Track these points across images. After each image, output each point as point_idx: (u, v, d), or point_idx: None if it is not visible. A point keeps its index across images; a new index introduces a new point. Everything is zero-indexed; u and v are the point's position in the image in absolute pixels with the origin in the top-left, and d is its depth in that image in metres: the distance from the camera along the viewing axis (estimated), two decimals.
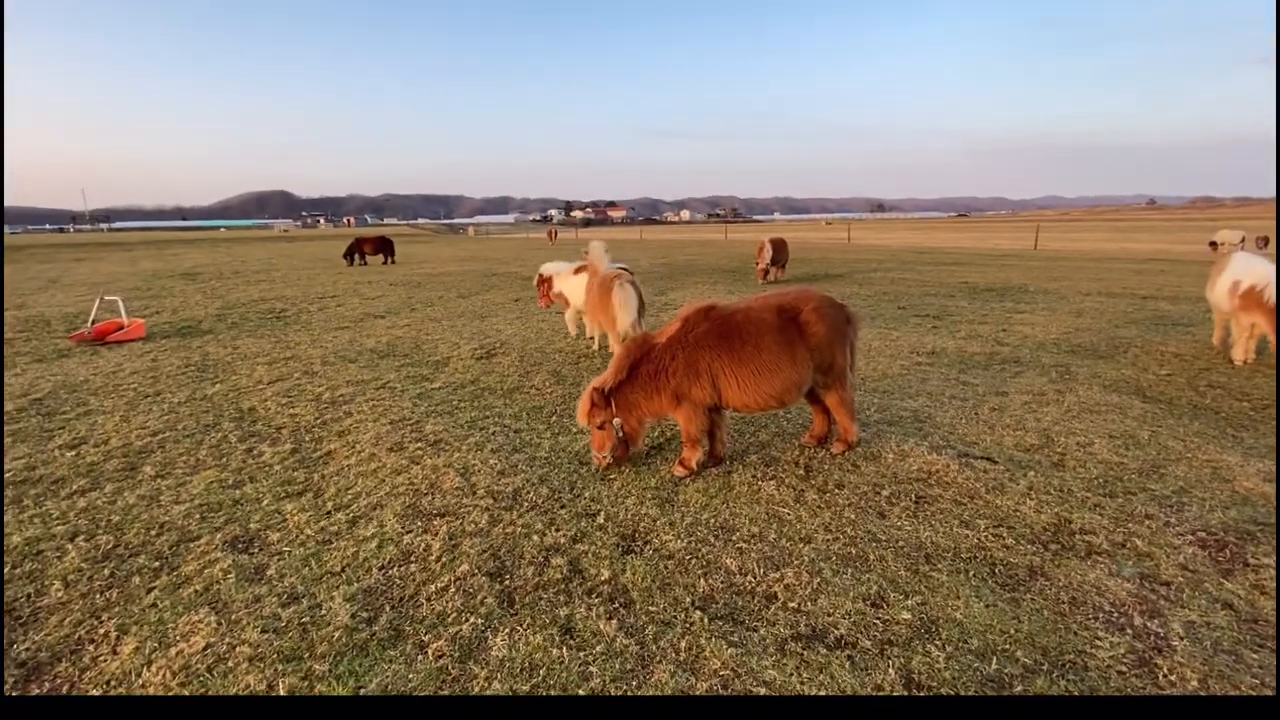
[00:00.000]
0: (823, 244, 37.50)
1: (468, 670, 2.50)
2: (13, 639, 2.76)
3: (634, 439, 4.26)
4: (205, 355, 8.36)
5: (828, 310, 4.32)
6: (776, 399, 4.15)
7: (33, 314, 12.43)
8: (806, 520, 3.62)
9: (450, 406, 5.93)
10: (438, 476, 4.33)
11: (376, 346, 8.77)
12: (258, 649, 2.63)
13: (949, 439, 4.83)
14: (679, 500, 3.91)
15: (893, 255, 26.04)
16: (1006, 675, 2.43)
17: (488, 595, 2.97)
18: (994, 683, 2.40)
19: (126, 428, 5.44)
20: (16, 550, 3.46)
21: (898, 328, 9.42)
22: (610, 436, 4.15)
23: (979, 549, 3.32)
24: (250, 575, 3.18)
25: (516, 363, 7.62)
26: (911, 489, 4.00)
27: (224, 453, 4.83)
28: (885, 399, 5.87)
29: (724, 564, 3.19)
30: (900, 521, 3.60)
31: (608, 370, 4.21)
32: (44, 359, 8.26)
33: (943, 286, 14.52)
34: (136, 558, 3.37)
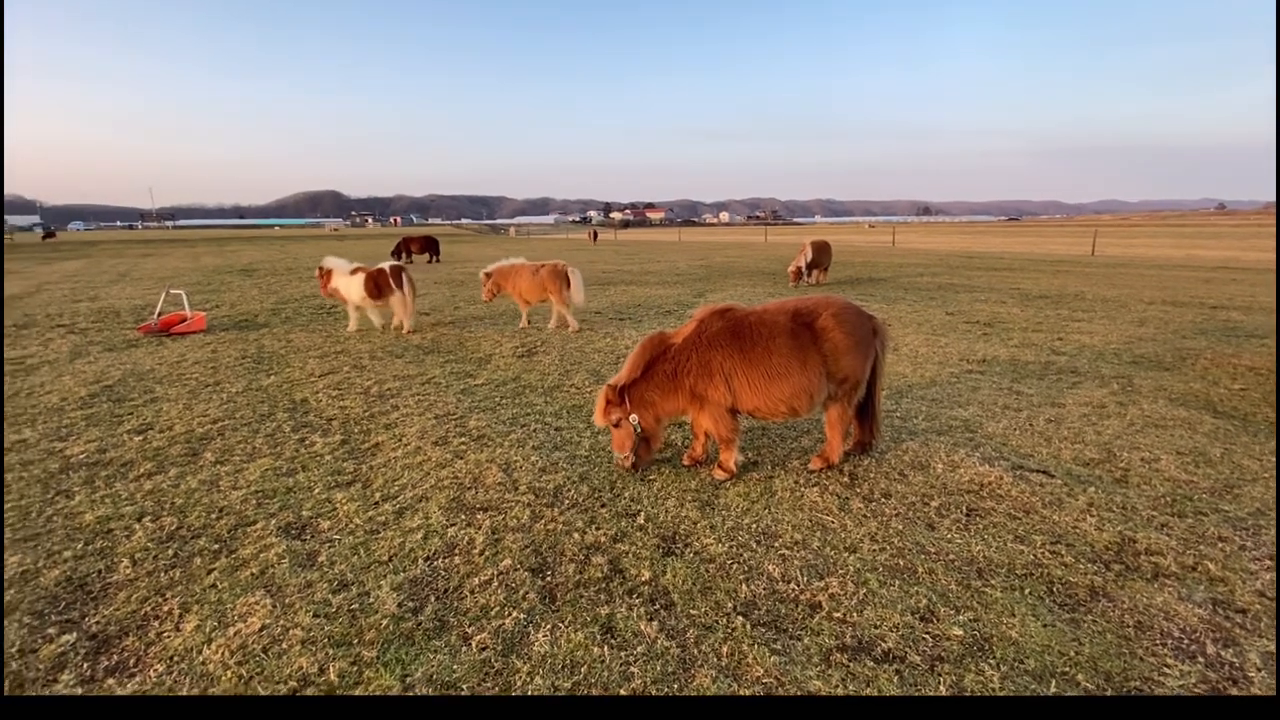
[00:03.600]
0: (866, 247, 36.74)
1: (510, 664, 2.52)
2: (84, 612, 2.91)
3: (652, 438, 4.22)
4: (261, 348, 8.71)
5: (849, 318, 4.15)
6: (786, 404, 4.02)
7: (104, 305, 13.16)
8: (851, 529, 3.54)
9: (492, 403, 6.02)
10: (481, 471, 4.40)
11: (421, 343, 8.98)
12: (310, 633, 2.71)
13: (1002, 450, 4.65)
14: (719, 504, 3.87)
15: (940, 260, 25.32)
16: None
17: (530, 590, 3.00)
18: None
19: (189, 415, 5.70)
20: (89, 528, 3.66)
21: (946, 334, 9.14)
22: (629, 435, 4.12)
23: (1035, 566, 3.18)
24: (303, 561, 3.28)
25: (556, 361, 7.69)
26: (962, 501, 3.86)
27: (278, 442, 5.01)
28: (934, 407, 5.69)
29: (766, 570, 3.14)
30: (950, 534, 3.48)
31: (623, 368, 4.20)
32: (114, 348, 8.73)
33: (993, 293, 14.03)
34: (198, 539, 3.52)
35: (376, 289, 9.33)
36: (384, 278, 9.35)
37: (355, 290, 9.40)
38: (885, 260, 25.34)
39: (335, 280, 9.59)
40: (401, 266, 9.60)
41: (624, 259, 27.86)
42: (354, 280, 9.42)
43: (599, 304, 12.86)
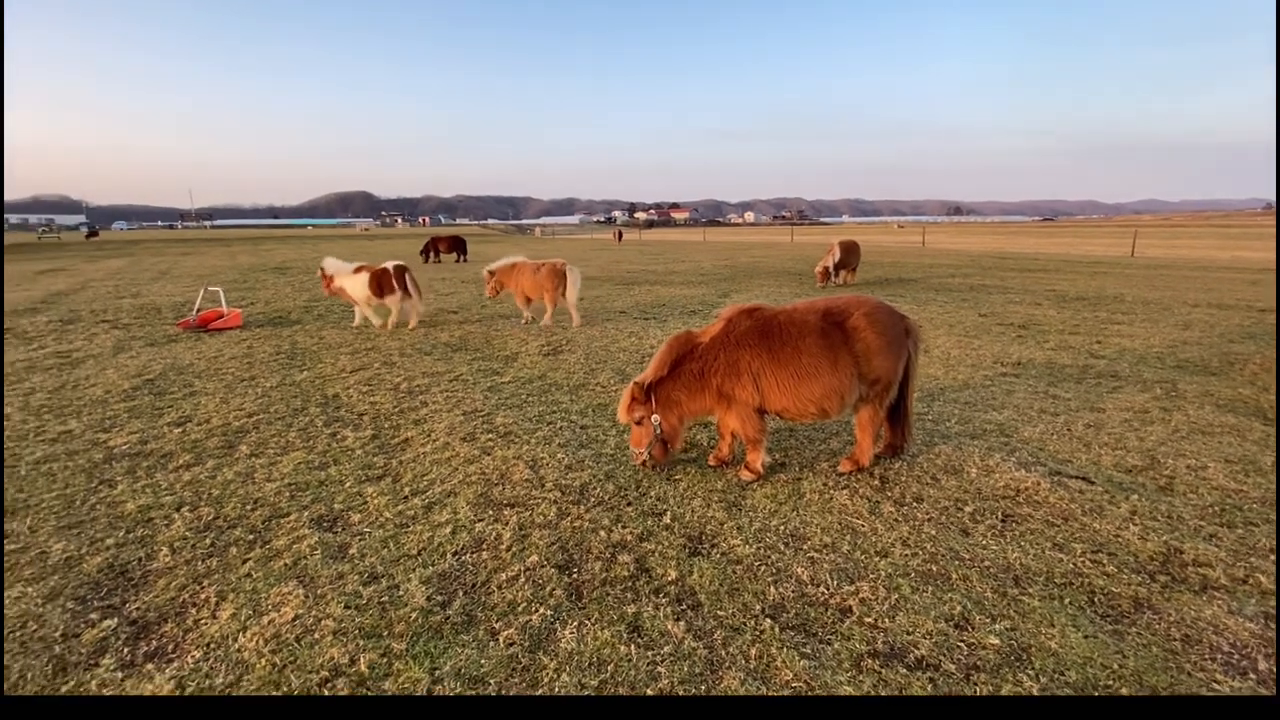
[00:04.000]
0: (895, 247, 36.15)
1: (537, 660, 2.52)
2: (125, 598, 3.00)
3: (672, 438, 4.16)
4: (294, 344, 8.91)
5: (881, 318, 4.06)
6: (816, 405, 3.95)
7: (146, 302, 13.59)
8: (882, 533, 3.47)
9: (519, 400, 6.06)
10: (508, 467, 4.42)
11: (450, 340, 9.09)
12: (341, 624, 2.75)
13: (1038, 455, 4.52)
14: (746, 505, 3.83)
15: (972, 260, 24.77)
16: None
17: (556, 587, 3.00)
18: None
19: (225, 409, 5.85)
20: (130, 517, 3.77)
21: (979, 336, 8.93)
22: (648, 433, 4.09)
23: (1075, 575, 3.08)
24: (334, 553, 3.34)
25: (582, 360, 7.71)
26: (997, 506, 3.76)
27: (311, 436, 5.11)
28: (967, 410, 5.56)
29: (795, 573, 3.10)
30: (985, 540, 3.39)
31: (649, 366, 4.17)
32: (155, 343, 9.01)
33: (1028, 294, 13.68)
34: (234, 530, 3.60)
35: (379, 288, 9.63)
36: (387, 277, 9.65)
37: (359, 289, 9.72)
38: (915, 261, 24.89)
39: (339, 280, 9.89)
40: (405, 267, 9.91)
41: (649, 259, 27.84)
42: (358, 279, 9.75)
43: (623, 304, 12.87)
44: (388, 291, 9.66)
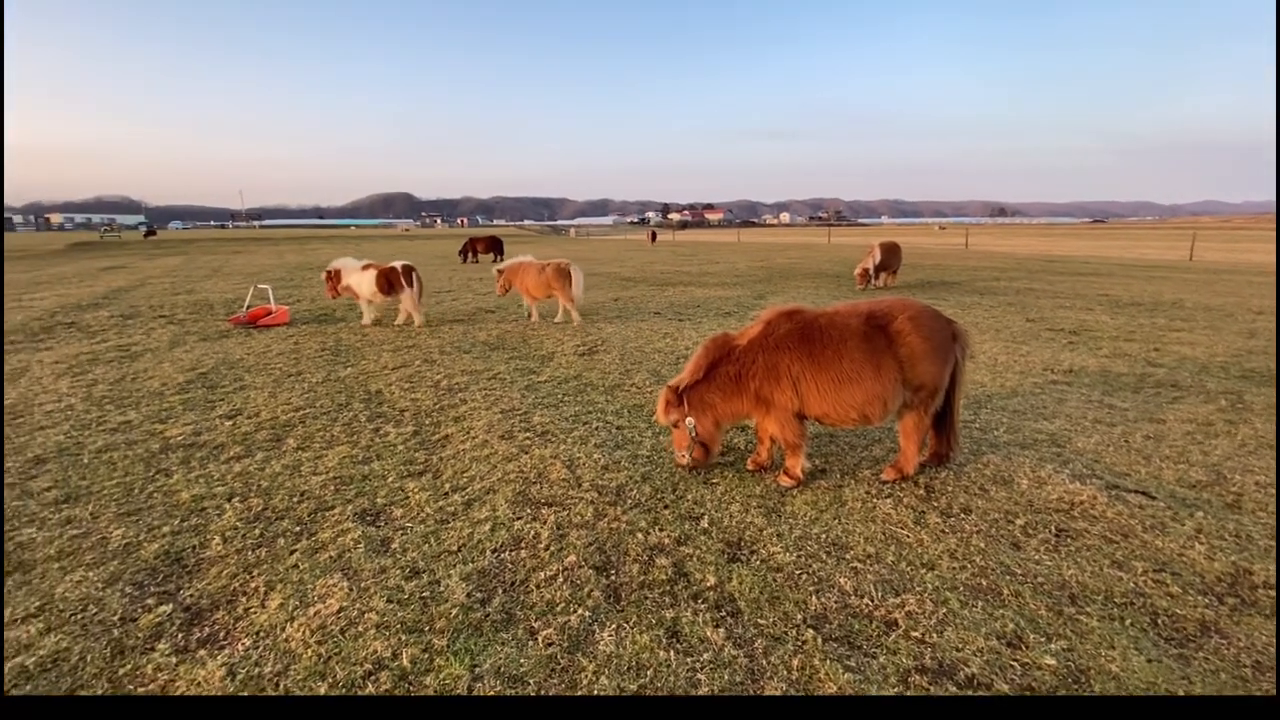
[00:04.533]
0: (936, 249, 35.26)
1: (576, 662, 2.52)
2: (180, 585, 3.10)
3: (709, 442, 4.12)
4: (339, 341, 9.14)
5: (926, 322, 3.93)
6: (858, 411, 3.85)
7: (200, 299, 14.15)
8: (929, 544, 3.36)
9: (556, 399, 6.09)
10: (545, 466, 4.44)
11: (488, 339, 9.20)
12: (384, 617, 2.79)
13: (1094, 467, 4.33)
14: (786, 511, 3.76)
15: (1018, 263, 23.98)
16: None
17: (594, 589, 2.99)
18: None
19: (274, 403, 6.03)
20: (184, 506, 3.91)
21: (1027, 342, 8.62)
22: (686, 436, 4.08)
23: (1136, 595, 2.93)
24: (377, 547, 3.40)
25: (617, 360, 7.71)
26: (1051, 520, 3.61)
27: (355, 430, 5.23)
28: (1016, 419, 5.36)
29: (837, 583, 3.02)
30: (1038, 555, 3.26)
31: (685, 369, 4.14)
32: (208, 338, 9.36)
33: (1079, 299, 13.16)
34: (281, 521, 3.70)
35: (388, 285, 9.93)
36: (395, 275, 9.97)
37: (367, 286, 10.01)
38: (958, 263, 24.22)
39: (347, 278, 10.21)
40: (411, 266, 10.22)
41: (682, 260, 27.76)
42: (366, 276, 10.04)
43: (658, 304, 12.85)
44: (396, 288, 10.01)
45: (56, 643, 2.66)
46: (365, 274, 10.07)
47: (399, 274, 9.97)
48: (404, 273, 10.01)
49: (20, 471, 4.42)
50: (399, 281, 9.95)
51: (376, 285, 9.93)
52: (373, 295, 10.04)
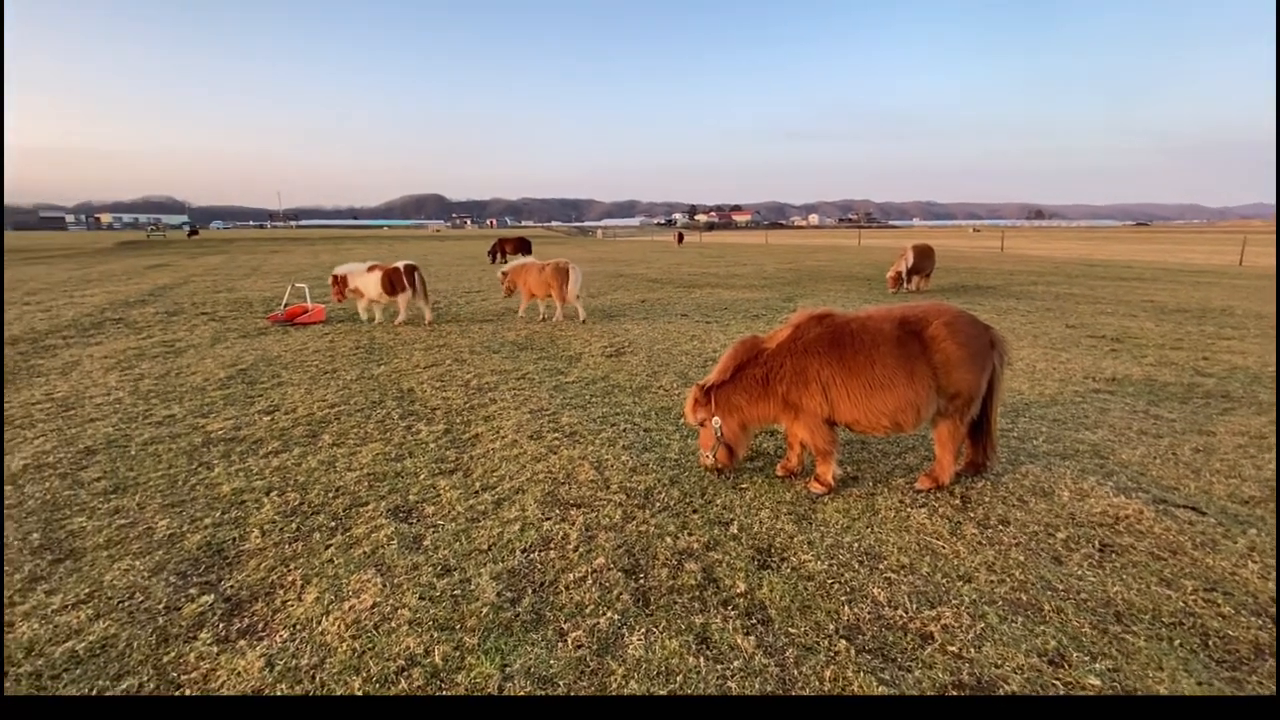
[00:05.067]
0: (971, 252, 34.48)
1: (605, 665, 2.51)
2: (221, 575, 3.19)
3: (735, 444, 4.09)
4: (372, 339, 9.33)
5: (962, 328, 3.83)
6: (889, 418, 3.77)
7: (239, 297, 14.58)
8: (965, 556, 3.28)
9: (583, 400, 6.11)
10: (573, 467, 4.46)
11: (516, 339, 9.29)
12: (416, 614, 2.83)
13: (1139, 480, 4.17)
14: (817, 518, 3.71)
15: (1056, 267, 23.31)
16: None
17: (623, 592, 2.99)
18: None
19: (310, 399, 6.17)
20: (225, 498, 4.02)
21: (1067, 349, 8.36)
22: (712, 436, 4.07)
23: (1186, 614, 2.82)
24: (409, 543, 3.45)
25: (644, 362, 7.71)
26: (1094, 534, 3.49)
27: (388, 428, 5.32)
28: (1056, 428, 5.20)
29: (871, 593, 2.97)
30: (1081, 570, 3.15)
31: (713, 369, 4.14)
32: (248, 335, 9.64)
33: (1121, 305, 12.73)
34: (317, 516, 3.78)
35: (391, 285, 10.28)
36: (398, 275, 10.33)
37: (372, 286, 10.36)
38: (993, 267, 23.65)
39: (354, 281, 10.53)
40: (415, 266, 10.60)
41: (709, 261, 27.65)
42: (371, 277, 10.40)
43: (685, 306, 12.81)
44: (399, 289, 10.34)
45: (105, 629, 2.76)
46: (371, 275, 10.45)
47: (401, 274, 10.35)
48: (406, 273, 10.40)
49: (72, 462, 4.60)
50: (401, 282, 10.33)
51: (381, 286, 10.29)
52: (379, 295, 10.39)
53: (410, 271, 10.46)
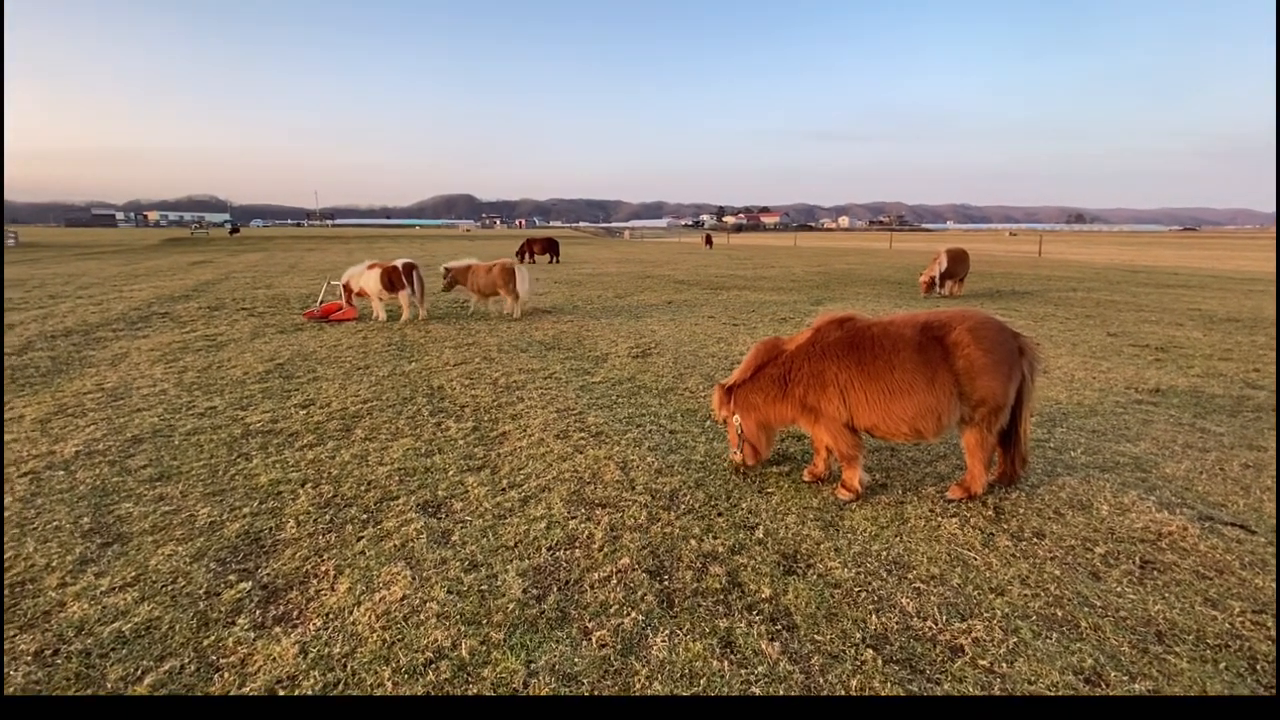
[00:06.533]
0: (1007, 257, 33.65)
1: (629, 665, 2.52)
2: (258, 563, 3.29)
3: (755, 443, 4.15)
4: (404, 336, 9.51)
5: (987, 334, 3.73)
6: (909, 424, 3.71)
7: (277, 293, 15.00)
8: (998, 569, 3.20)
9: (609, 401, 6.14)
10: (599, 467, 4.48)
11: (544, 339, 9.37)
12: (444, 607, 2.88)
13: (1184, 496, 4.03)
14: (844, 525, 3.66)
15: (1097, 273, 22.60)
16: None
17: (648, 593, 3.00)
18: None
19: (343, 394, 6.32)
20: (263, 489, 4.14)
21: (1108, 358, 8.10)
22: (734, 434, 4.19)
23: (1232, 637, 2.71)
24: (438, 538, 3.51)
25: (671, 364, 7.71)
26: (1134, 550, 3.38)
27: (418, 424, 5.42)
28: (1095, 439, 5.05)
29: (899, 603, 2.92)
30: (1120, 587, 3.05)
31: (736, 370, 4.24)
32: (285, 331, 9.91)
33: (1166, 313, 12.29)
34: (350, 508, 3.87)
35: (390, 283, 10.56)
36: (396, 274, 10.60)
37: (372, 283, 10.69)
38: (1030, 272, 23.04)
39: (357, 281, 10.89)
40: (413, 264, 10.92)
41: (736, 263, 27.51)
42: (371, 275, 10.74)
43: (711, 308, 12.77)
44: (397, 286, 10.63)
45: (149, 611, 2.87)
46: (371, 273, 10.81)
47: (399, 272, 10.65)
48: (404, 271, 10.70)
49: (120, 450, 4.80)
50: (400, 279, 10.62)
51: (380, 283, 10.60)
52: (379, 293, 10.69)
53: (409, 270, 10.75)
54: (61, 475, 4.33)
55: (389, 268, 10.71)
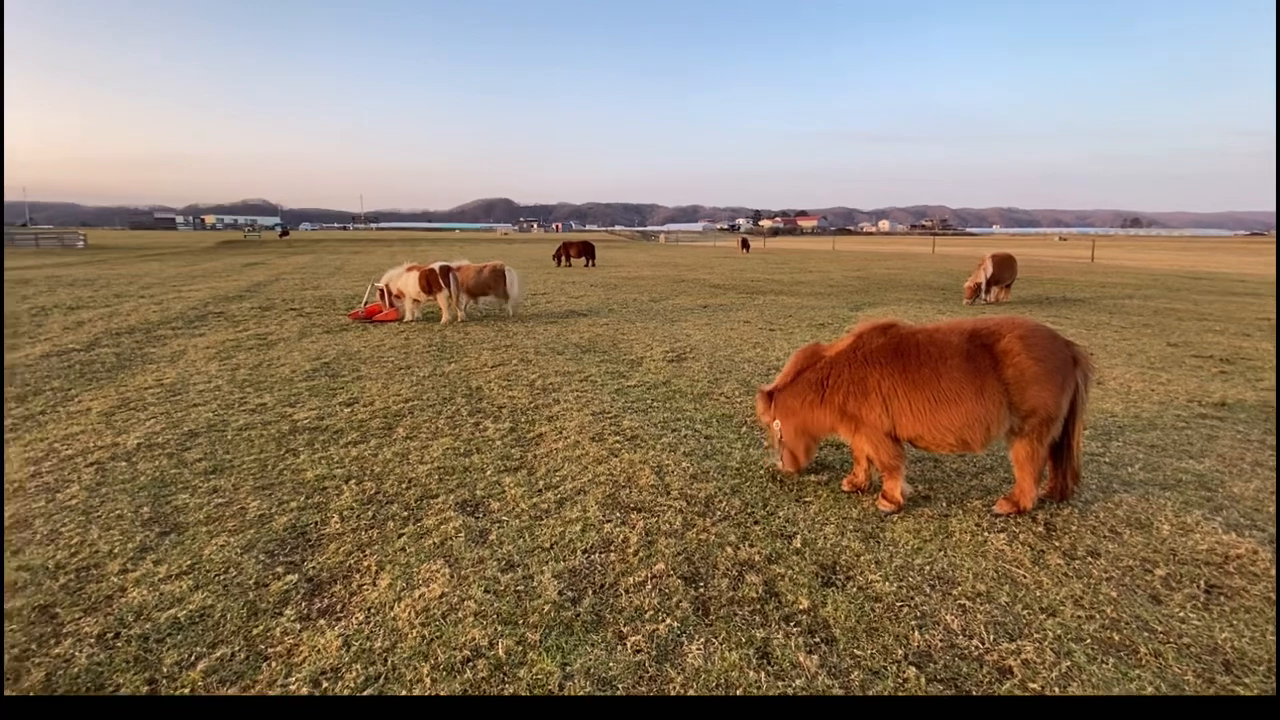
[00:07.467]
0: (1057, 263, 32.44)
1: (664, 672, 2.50)
2: (304, 556, 3.39)
3: (793, 449, 4.11)
4: (443, 338, 9.71)
5: (1039, 342, 3.59)
6: (955, 434, 3.59)
7: (324, 294, 15.50)
8: (1049, 588, 3.07)
9: (645, 405, 6.13)
10: (634, 471, 4.48)
11: (579, 341, 9.44)
12: (481, 606, 2.91)
13: (1253, 517, 3.80)
14: (885, 537, 3.57)
15: (1155, 279, 21.59)
16: None
17: (683, 599, 2.97)
18: None
19: (386, 393, 6.48)
20: (309, 484, 4.27)
21: (1169, 369, 7.72)
22: (775, 440, 4.19)
23: None
24: (476, 537, 3.56)
25: (706, 368, 7.66)
26: (1199, 574, 3.20)
27: (457, 424, 5.52)
28: (1154, 455, 4.81)
29: (943, 619, 2.83)
30: (1183, 612, 2.89)
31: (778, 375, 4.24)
32: (330, 331, 10.23)
33: (1232, 322, 11.64)
34: (391, 505, 3.96)
35: (428, 285, 10.87)
36: (433, 276, 10.90)
37: (411, 285, 11.03)
38: (1083, 279, 22.15)
39: (396, 283, 11.25)
40: (450, 267, 11.14)
41: (773, 268, 27.23)
42: (410, 277, 11.09)
43: (747, 313, 12.65)
44: (435, 289, 10.89)
45: (203, 600, 2.98)
46: (409, 275, 11.13)
47: (436, 275, 10.94)
48: (441, 274, 10.97)
49: (178, 443, 5.01)
50: (437, 282, 10.91)
51: (419, 285, 10.91)
52: (418, 295, 11.01)
53: (445, 272, 11.03)
54: (124, 466, 4.55)
55: (426, 271, 11.05)
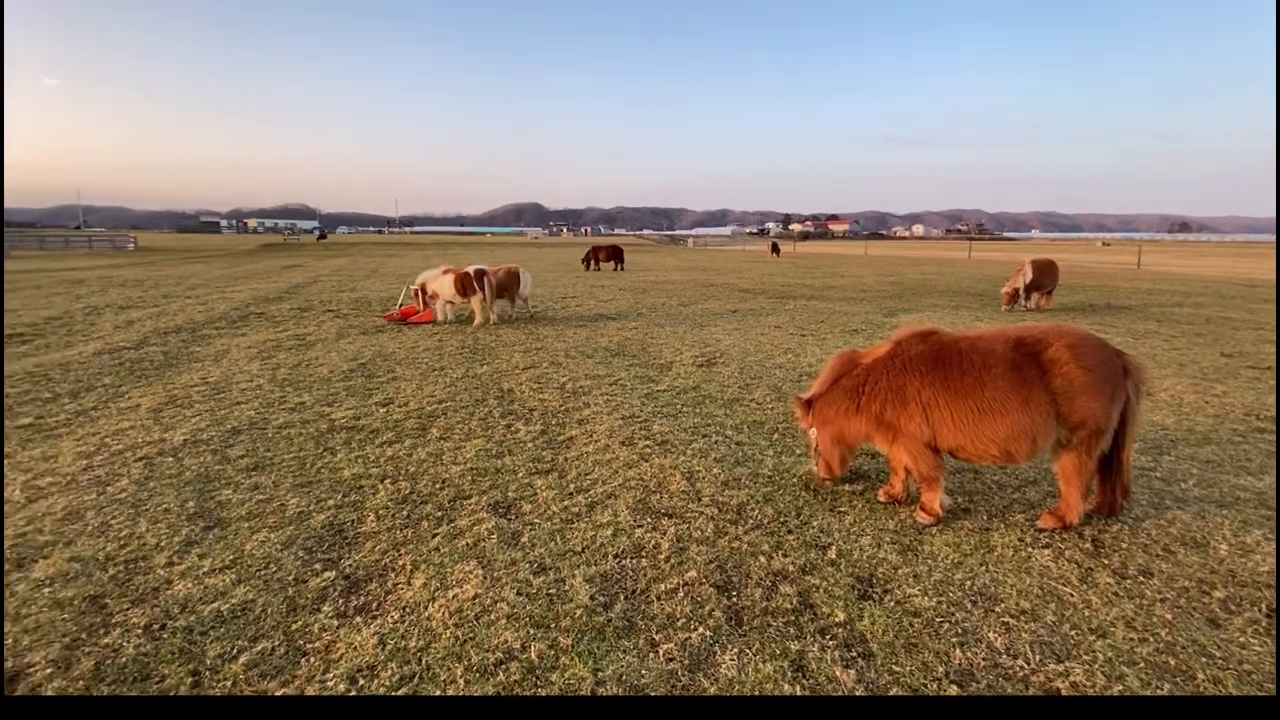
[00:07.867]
0: (1101, 269, 31.38)
1: (696, 681, 2.48)
2: (341, 554, 3.45)
3: (829, 457, 4.05)
4: (476, 340, 9.83)
5: (1088, 351, 3.46)
6: (999, 446, 3.47)
7: (360, 296, 15.85)
8: (1099, 608, 2.95)
9: (675, 409, 6.11)
10: (665, 477, 4.46)
11: (609, 345, 9.46)
12: (514, 609, 2.92)
13: None
14: (924, 551, 3.48)
15: (1206, 286, 20.71)
16: None
17: (715, 608, 2.94)
18: None
19: (420, 394, 6.59)
20: (346, 483, 4.36)
21: (1223, 381, 7.38)
22: (811, 446, 4.17)
23: None
24: (508, 539, 3.58)
25: (736, 374, 7.60)
26: (1260, 597, 3.04)
27: (489, 425, 5.57)
28: (1209, 470, 4.60)
29: (985, 637, 2.74)
30: (1244, 638, 2.75)
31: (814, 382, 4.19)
32: (367, 332, 10.45)
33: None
34: (425, 505, 4.01)
35: (463, 288, 11.01)
36: (468, 279, 11.03)
37: (446, 288, 11.23)
38: (1128, 285, 21.37)
39: (432, 284, 11.46)
40: (484, 270, 11.28)
41: (804, 272, 26.93)
42: (445, 279, 11.30)
43: (778, 318, 12.52)
44: (470, 291, 11.04)
45: (244, 594, 3.06)
46: (445, 277, 11.35)
47: (471, 278, 11.09)
48: (476, 277, 11.11)
49: (221, 440, 5.17)
50: (471, 285, 11.06)
51: (454, 288, 11.09)
52: (452, 297, 11.20)
53: (480, 276, 11.19)
54: (170, 461, 4.71)
55: (462, 274, 11.24)
